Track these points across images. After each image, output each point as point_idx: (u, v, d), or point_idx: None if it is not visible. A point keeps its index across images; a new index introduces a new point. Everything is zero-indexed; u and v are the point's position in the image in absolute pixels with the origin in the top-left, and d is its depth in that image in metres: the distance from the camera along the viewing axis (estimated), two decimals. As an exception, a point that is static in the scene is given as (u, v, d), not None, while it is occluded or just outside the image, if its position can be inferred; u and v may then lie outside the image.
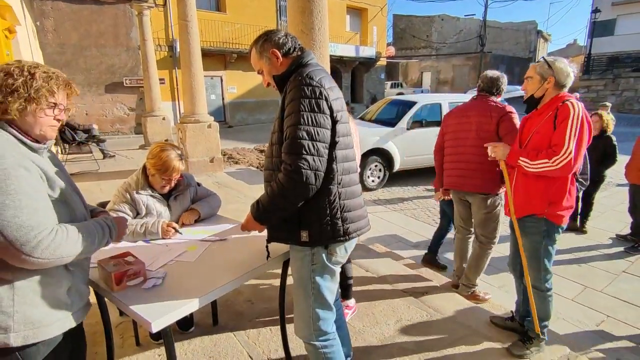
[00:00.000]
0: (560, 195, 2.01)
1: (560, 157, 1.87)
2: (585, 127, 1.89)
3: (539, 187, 2.03)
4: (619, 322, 3.10)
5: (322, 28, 3.33)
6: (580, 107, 1.92)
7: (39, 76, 1.13)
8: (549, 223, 2.05)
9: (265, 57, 1.51)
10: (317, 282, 1.48)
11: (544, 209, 2.03)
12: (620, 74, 19.18)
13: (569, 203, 2.03)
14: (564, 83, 2.00)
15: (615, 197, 6.30)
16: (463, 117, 2.83)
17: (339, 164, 1.44)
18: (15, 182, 1.01)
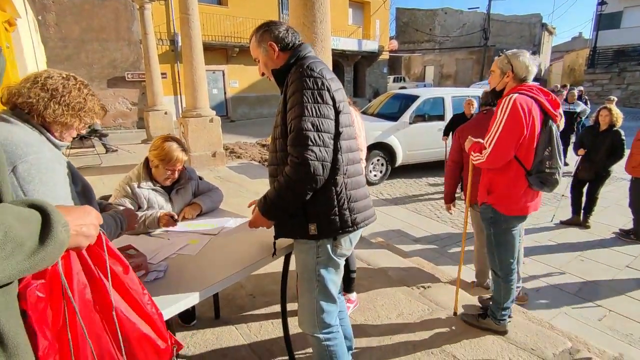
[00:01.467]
0: (498, 184, 2.12)
1: (487, 151, 2.03)
2: (515, 120, 1.95)
3: (483, 177, 2.23)
4: (621, 316, 3.09)
5: (324, 21, 3.31)
6: (511, 102, 1.97)
7: (91, 100, 1.27)
8: (494, 211, 2.16)
9: (263, 48, 1.51)
10: (322, 274, 1.48)
11: (485, 197, 2.19)
12: (626, 68, 18.99)
13: (511, 193, 2.09)
14: (522, 77, 2.07)
15: (619, 191, 6.26)
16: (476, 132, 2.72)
17: (343, 154, 1.43)
18: (53, 174, 1.11)
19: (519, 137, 2.00)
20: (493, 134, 2.03)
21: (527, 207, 2.16)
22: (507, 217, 2.15)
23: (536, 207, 2.23)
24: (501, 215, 2.15)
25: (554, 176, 2.07)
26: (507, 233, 2.20)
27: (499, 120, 2.01)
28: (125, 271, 0.93)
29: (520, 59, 2.05)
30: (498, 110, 2.04)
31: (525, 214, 2.18)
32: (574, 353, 2.20)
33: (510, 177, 2.09)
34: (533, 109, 2.00)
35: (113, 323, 0.86)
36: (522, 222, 2.25)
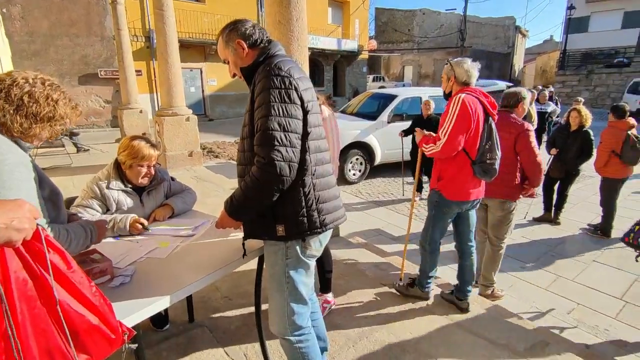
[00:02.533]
0: (446, 172, 2.42)
1: (440, 141, 2.31)
2: (464, 116, 2.25)
3: (437, 166, 2.50)
4: (588, 309, 3.21)
5: (301, 19, 3.28)
6: (460, 100, 2.26)
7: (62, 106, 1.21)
8: (440, 196, 2.46)
9: (231, 47, 1.48)
10: (292, 276, 1.46)
11: (436, 183, 2.49)
12: (593, 70, 19.79)
13: (457, 181, 2.40)
14: (463, 81, 2.39)
15: (587, 189, 6.51)
16: None
17: (312, 155, 1.42)
18: (18, 178, 1.07)
19: (467, 131, 2.29)
20: (447, 127, 2.30)
21: (469, 194, 2.45)
22: (449, 202, 2.46)
23: (478, 194, 2.51)
24: (445, 200, 2.46)
25: (493, 166, 2.42)
26: (445, 215, 2.54)
27: (451, 116, 2.29)
28: (68, 266, 0.92)
29: (461, 66, 2.38)
30: (449, 107, 2.32)
31: (467, 200, 2.47)
32: (543, 346, 2.26)
33: (458, 166, 2.39)
34: (477, 107, 2.32)
35: (59, 317, 0.86)
36: (461, 207, 2.53)
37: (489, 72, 28.38)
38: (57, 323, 0.87)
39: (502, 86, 13.91)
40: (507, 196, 2.95)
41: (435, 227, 2.57)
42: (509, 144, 2.87)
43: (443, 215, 2.53)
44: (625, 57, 19.72)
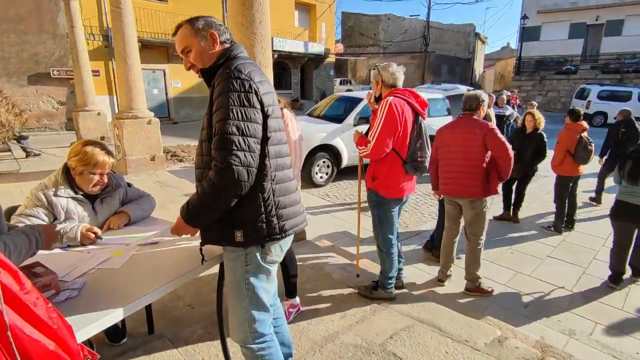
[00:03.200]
0: (380, 172, 2.54)
1: (371, 144, 2.41)
2: (391, 119, 2.38)
3: (371, 166, 2.61)
4: (544, 302, 3.37)
5: (264, 21, 3.24)
6: (388, 103, 2.40)
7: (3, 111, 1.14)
8: (378, 195, 2.58)
9: (202, 37, 1.42)
10: (252, 283, 1.43)
11: (371, 183, 2.59)
12: (545, 76, 21.04)
13: (390, 179, 2.54)
14: (391, 83, 2.54)
15: (541, 188, 6.87)
16: (454, 134, 3.18)
17: (271, 160, 1.40)
18: None
19: (395, 132, 2.43)
20: (375, 130, 2.41)
21: (403, 190, 2.61)
22: (388, 200, 2.59)
23: (410, 190, 2.71)
24: (383, 198, 2.58)
25: (424, 163, 2.59)
26: (387, 213, 2.64)
27: (379, 119, 2.40)
28: (21, 286, 0.85)
29: (387, 70, 2.54)
30: (378, 110, 2.43)
31: (402, 197, 2.63)
32: (502, 341, 2.35)
33: (389, 165, 2.52)
34: (405, 109, 2.46)
35: (9, 344, 0.78)
36: (399, 204, 2.68)
37: (451, 77, 29.47)
38: (7, 351, 0.79)
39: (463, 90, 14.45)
40: (475, 195, 3.09)
41: (383, 225, 2.66)
42: (476, 143, 3.02)
43: (385, 213, 2.64)
44: (572, 65, 21.10)
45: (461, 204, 3.23)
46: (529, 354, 2.23)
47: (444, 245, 3.49)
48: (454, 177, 3.17)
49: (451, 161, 3.20)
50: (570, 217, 5.06)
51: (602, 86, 17.00)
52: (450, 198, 3.31)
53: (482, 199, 3.13)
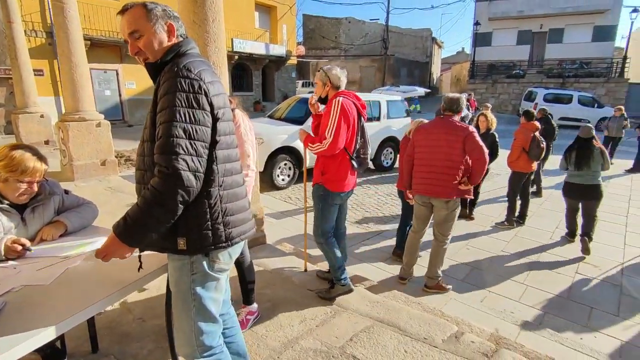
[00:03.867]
0: (330, 167, 2.63)
1: (327, 140, 2.50)
2: (345, 117, 2.51)
3: (320, 162, 2.68)
4: (498, 295, 3.51)
5: (217, 20, 3.14)
6: (340, 102, 2.52)
7: None
8: (325, 189, 2.66)
9: (159, 25, 1.30)
10: (199, 293, 1.34)
11: (320, 178, 2.67)
12: (497, 80, 22.18)
13: (339, 174, 2.65)
14: (337, 85, 2.66)
15: (495, 185, 7.20)
16: (436, 134, 3.23)
17: (219, 165, 1.32)
18: None
19: (347, 129, 2.56)
20: (332, 127, 2.50)
21: (349, 185, 2.73)
22: (334, 194, 2.68)
23: (354, 185, 2.82)
24: (330, 192, 2.67)
25: (366, 159, 2.82)
26: (332, 207, 2.73)
27: (333, 117, 2.50)
28: None
29: (333, 72, 2.65)
30: (331, 109, 2.52)
31: (346, 191, 2.74)
32: (459, 336, 2.39)
33: (339, 160, 2.63)
34: (352, 109, 2.60)
35: None
36: (342, 198, 2.78)
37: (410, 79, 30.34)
38: None
39: (422, 92, 14.94)
40: (450, 195, 3.17)
41: (324, 219, 2.74)
42: (457, 145, 3.10)
43: (330, 207, 2.72)
44: (520, 69, 22.42)
45: (435, 204, 3.28)
46: (484, 347, 2.29)
47: (410, 245, 3.53)
48: (433, 177, 3.20)
49: (431, 161, 3.23)
50: (522, 212, 5.35)
51: (547, 89, 18.22)
52: (424, 199, 3.32)
53: (456, 199, 3.21)
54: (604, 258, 4.34)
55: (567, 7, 21.87)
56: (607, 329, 3.07)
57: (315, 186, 2.72)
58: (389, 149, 8.28)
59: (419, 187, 3.32)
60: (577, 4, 21.68)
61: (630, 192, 7.28)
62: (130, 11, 1.30)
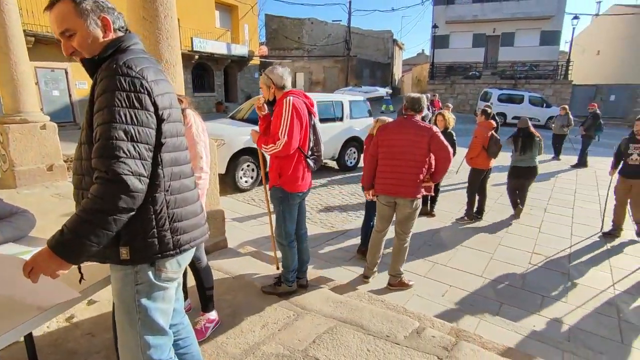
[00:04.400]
0: (286, 168, 2.58)
1: (280, 141, 2.45)
2: (295, 117, 2.47)
3: (275, 164, 2.62)
4: (459, 289, 3.62)
5: (170, 16, 3.00)
6: (291, 102, 2.48)
7: None
8: (284, 191, 2.62)
9: (91, 20, 1.19)
10: (144, 305, 1.25)
11: (277, 180, 2.62)
12: (455, 81, 23.06)
13: (296, 175, 2.61)
14: (281, 85, 2.60)
15: (453, 182, 7.45)
16: (400, 134, 3.23)
17: (165, 169, 1.24)
18: None
19: (301, 128, 2.53)
20: (284, 128, 2.45)
21: (306, 185, 2.71)
22: (293, 195, 2.65)
23: (310, 184, 2.82)
24: (289, 194, 2.63)
25: (320, 157, 2.80)
26: (292, 208, 2.70)
27: (285, 117, 2.45)
28: None
29: (275, 73, 2.60)
30: (282, 110, 2.47)
31: (304, 191, 2.72)
32: (420, 331, 2.43)
33: (294, 161, 2.59)
34: (303, 107, 2.58)
35: None
36: (301, 197, 2.77)
37: (373, 80, 30.85)
38: None
39: (383, 92, 15.25)
40: (414, 194, 3.21)
41: (287, 221, 2.71)
42: (423, 145, 3.13)
43: (290, 208, 2.69)
44: (476, 71, 23.46)
45: (399, 203, 3.28)
46: (444, 341, 2.33)
47: (374, 244, 3.55)
48: (398, 177, 3.21)
49: (395, 161, 3.23)
50: (480, 207, 5.56)
51: (501, 90, 19.20)
52: (388, 198, 3.32)
53: (419, 198, 3.26)
54: (553, 249, 4.60)
55: (517, 12, 23.13)
56: (557, 315, 3.25)
57: (273, 189, 2.68)
58: (353, 148, 8.35)
59: (383, 187, 3.31)
60: (526, 10, 22.99)
61: (576, 185, 7.78)
62: (57, 6, 1.19)
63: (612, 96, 20.69)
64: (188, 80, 17.94)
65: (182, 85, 3.13)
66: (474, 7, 24.14)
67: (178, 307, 1.53)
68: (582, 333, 3.02)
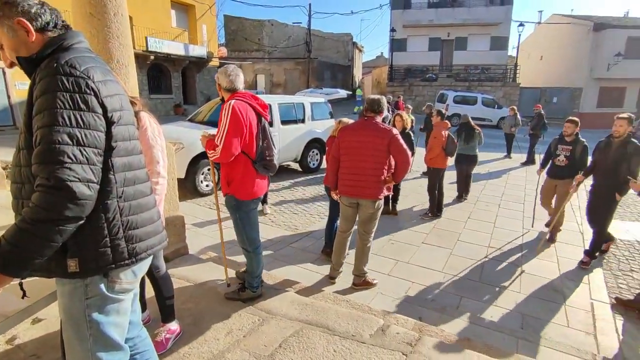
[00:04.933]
0: (233, 175, 2.51)
1: (219, 147, 2.37)
2: (236, 121, 2.38)
3: (224, 172, 2.55)
4: (421, 285, 3.72)
5: (120, 14, 2.86)
6: (231, 106, 2.39)
7: None
8: (236, 199, 2.56)
9: (7, 27, 1.12)
10: (96, 319, 1.17)
11: (227, 188, 2.55)
12: (413, 83, 23.81)
13: (244, 181, 2.53)
14: (229, 87, 2.52)
15: (414, 182, 7.68)
16: (361, 136, 3.24)
17: (117, 174, 1.18)
18: None
19: (241, 134, 2.41)
20: (221, 134, 2.37)
21: (259, 190, 2.63)
22: (247, 202, 2.58)
23: (266, 188, 2.79)
24: (242, 201, 2.56)
25: (273, 162, 2.66)
26: (249, 215, 2.64)
27: (224, 122, 2.37)
28: None
29: (223, 74, 2.51)
30: (222, 114, 2.39)
31: (259, 196, 2.66)
32: (385, 329, 2.47)
33: (242, 167, 2.51)
34: (249, 111, 2.47)
35: None
36: (258, 203, 2.72)
37: (334, 82, 31.17)
38: None
39: (344, 94, 15.44)
40: (377, 195, 3.24)
41: (246, 227, 2.64)
42: (383, 148, 3.17)
43: (247, 214, 2.63)
44: (433, 74, 24.38)
45: (362, 204, 3.31)
46: (408, 337, 2.39)
47: (339, 244, 3.58)
48: (360, 179, 3.23)
49: (357, 163, 3.24)
50: (439, 204, 5.78)
51: (456, 92, 20.11)
52: (351, 200, 3.34)
53: (381, 198, 3.31)
54: (507, 242, 4.87)
55: (469, 18, 24.30)
56: (511, 304, 3.43)
57: (226, 197, 2.60)
58: (315, 150, 8.38)
59: (345, 188, 3.33)
60: (477, 16, 24.21)
61: (526, 182, 8.28)
62: None
63: (554, 98, 22.28)
64: (143, 82, 17.21)
65: (135, 87, 2.99)
66: (429, 12, 25.08)
67: (135, 320, 1.45)
68: (533, 320, 3.21)
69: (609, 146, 4.05)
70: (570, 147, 4.64)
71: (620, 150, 3.91)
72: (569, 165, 4.63)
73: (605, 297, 3.63)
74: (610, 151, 4.01)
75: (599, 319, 3.26)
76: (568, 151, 4.65)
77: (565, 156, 4.66)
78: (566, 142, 4.70)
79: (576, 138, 4.67)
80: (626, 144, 3.90)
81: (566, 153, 4.66)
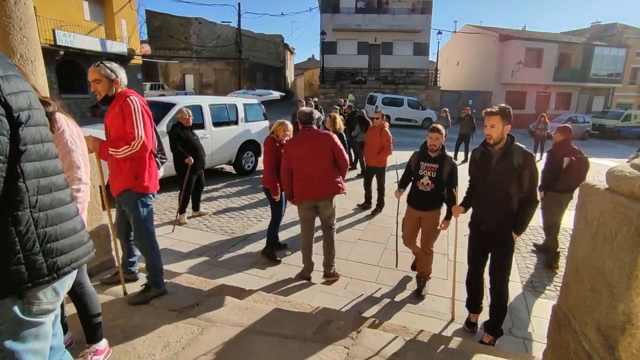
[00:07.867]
0: (142, 170, 2.57)
1: (136, 142, 2.39)
2: (147, 114, 2.51)
3: (127, 167, 2.53)
4: (359, 280, 3.85)
5: (23, 3, 2.56)
6: (137, 101, 2.46)
7: None
8: (141, 194, 2.59)
9: None
10: (10, 348, 1.03)
11: (134, 182, 2.55)
12: (344, 85, 24.55)
13: (151, 174, 2.63)
14: (125, 82, 2.54)
15: (352, 181, 7.93)
16: (307, 145, 3.49)
17: (29, 181, 1.05)
18: None
19: (151, 126, 2.56)
20: (137, 126, 2.40)
21: (157, 184, 2.75)
22: (150, 195, 2.66)
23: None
24: (147, 195, 2.62)
25: (164, 158, 2.93)
26: (149, 208, 2.68)
27: (136, 116, 2.41)
28: None
29: (118, 69, 2.49)
30: (131, 109, 2.40)
31: (157, 189, 2.75)
32: (327, 325, 2.52)
33: (147, 160, 2.59)
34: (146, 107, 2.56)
35: None
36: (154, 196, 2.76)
37: (267, 84, 30.95)
38: None
39: (277, 96, 15.40)
40: (333, 193, 3.57)
41: (147, 222, 2.67)
42: (327, 149, 3.50)
43: (148, 208, 2.67)
44: (362, 76, 25.38)
45: (320, 205, 3.60)
46: (349, 330, 2.46)
47: (306, 246, 3.78)
48: (314, 182, 3.49)
49: (308, 169, 3.49)
50: (380, 201, 6.10)
51: (384, 94, 21.20)
52: (310, 203, 3.59)
53: (339, 193, 3.62)
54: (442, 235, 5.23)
55: (393, 24, 25.72)
56: (441, 291, 3.70)
57: (128, 192, 2.58)
58: (249, 152, 8.24)
59: (302, 194, 3.57)
60: (400, 23, 25.73)
61: (448, 177, 8.98)
62: None
63: (470, 100, 24.52)
64: (52, 80, 15.47)
65: (45, 85, 2.69)
66: (357, 17, 26.06)
67: (56, 344, 1.31)
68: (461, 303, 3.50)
69: (487, 159, 2.70)
70: (436, 164, 3.40)
71: (504, 164, 2.59)
72: (436, 191, 3.43)
73: (517, 277, 4.09)
74: (489, 167, 2.68)
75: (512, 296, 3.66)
76: (433, 171, 3.40)
77: (431, 178, 3.41)
78: (430, 159, 3.44)
79: (443, 153, 3.44)
80: (510, 153, 2.58)
81: (431, 174, 3.41)
